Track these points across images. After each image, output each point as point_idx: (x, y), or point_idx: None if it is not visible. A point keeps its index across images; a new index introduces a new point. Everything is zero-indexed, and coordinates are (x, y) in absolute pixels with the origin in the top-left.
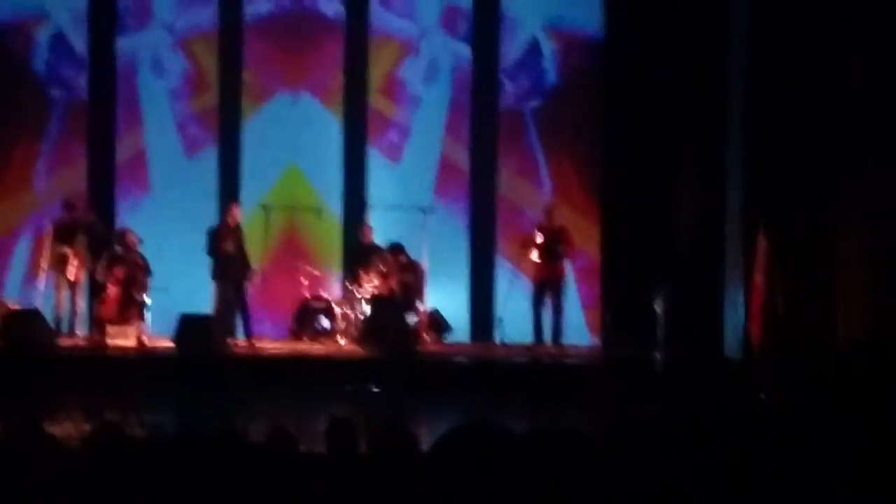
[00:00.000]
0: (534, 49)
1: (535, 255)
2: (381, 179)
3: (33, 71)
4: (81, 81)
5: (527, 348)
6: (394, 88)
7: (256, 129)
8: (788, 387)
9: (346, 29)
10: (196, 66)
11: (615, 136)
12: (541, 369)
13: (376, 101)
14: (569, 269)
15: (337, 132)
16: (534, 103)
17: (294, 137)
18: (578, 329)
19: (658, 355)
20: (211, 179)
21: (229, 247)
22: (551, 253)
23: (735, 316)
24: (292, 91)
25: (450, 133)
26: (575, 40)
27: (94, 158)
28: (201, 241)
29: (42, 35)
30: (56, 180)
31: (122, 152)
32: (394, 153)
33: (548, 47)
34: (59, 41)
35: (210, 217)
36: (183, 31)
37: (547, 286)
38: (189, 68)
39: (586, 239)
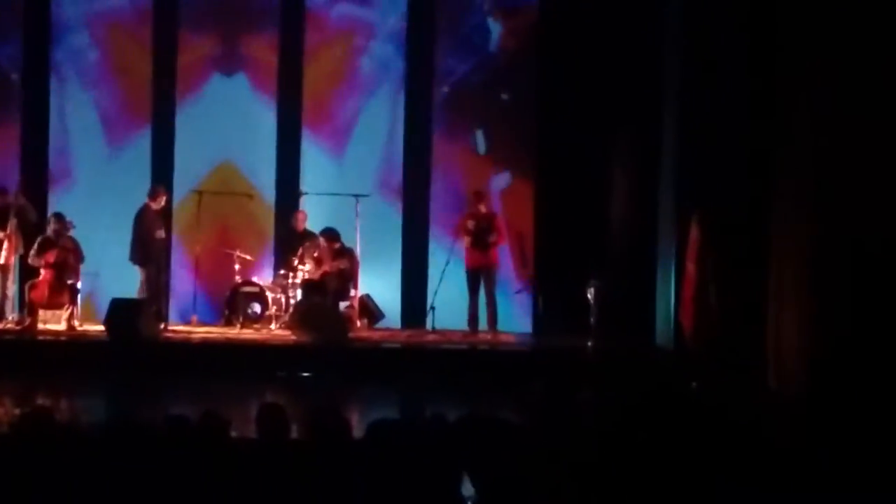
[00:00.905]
0: (474, 28)
1: (466, 242)
2: (317, 166)
3: None
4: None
5: (461, 335)
6: (333, 75)
7: (191, 113)
8: (718, 376)
9: (283, 12)
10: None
11: (548, 122)
12: (474, 356)
13: (314, 86)
14: (501, 256)
15: (272, 118)
16: (471, 83)
17: (229, 122)
18: (512, 316)
19: (590, 343)
20: (144, 166)
21: (158, 231)
22: (482, 240)
23: (666, 305)
24: (227, 74)
25: (387, 118)
26: (513, 20)
27: (25, 141)
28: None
29: None
30: None
31: (54, 136)
32: (332, 140)
33: (488, 26)
34: None
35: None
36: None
37: (480, 273)
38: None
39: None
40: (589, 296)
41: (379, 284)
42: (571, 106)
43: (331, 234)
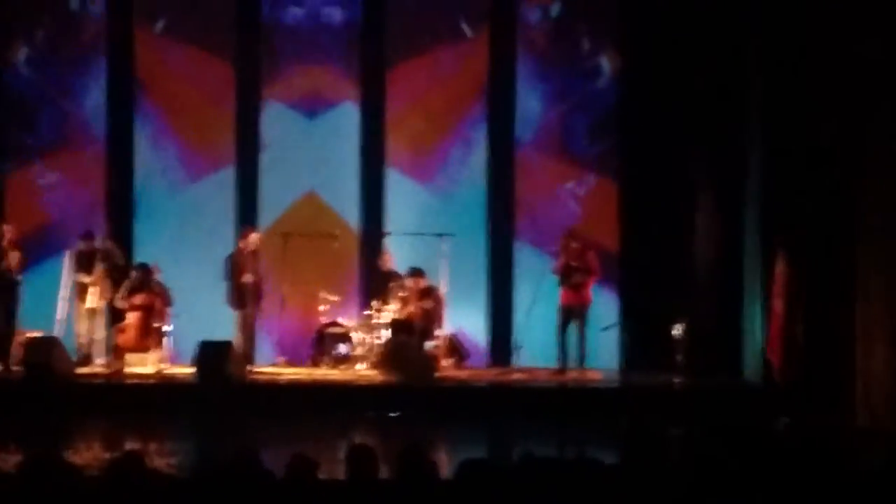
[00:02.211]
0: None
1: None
2: (403, 205)
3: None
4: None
5: (548, 373)
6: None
7: (274, 150)
8: (807, 413)
9: (361, 49)
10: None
11: (634, 158)
12: (561, 394)
13: (399, 125)
14: (592, 293)
15: (356, 157)
16: (552, 124)
17: (312, 160)
18: (599, 353)
19: (678, 380)
20: (228, 203)
21: (247, 275)
22: (574, 279)
23: (754, 341)
24: (310, 112)
25: (471, 156)
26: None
27: (111, 184)
28: (219, 268)
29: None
30: (74, 206)
31: (139, 177)
32: (418, 179)
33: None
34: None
35: (228, 242)
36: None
37: (573, 312)
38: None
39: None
40: (676, 332)
41: (465, 323)
42: (655, 143)
43: (417, 273)
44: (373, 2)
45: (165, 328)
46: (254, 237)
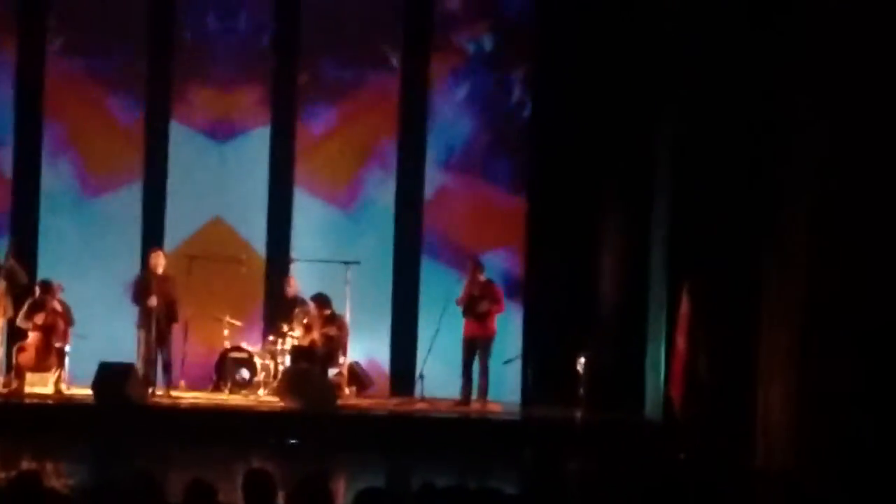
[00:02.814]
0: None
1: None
2: (309, 231)
3: None
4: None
5: (450, 404)
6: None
7: (181, 169)
8: (706, 450)
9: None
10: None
11: (540, 190)
12: (463, 425)
13: (308, 150)
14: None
15: (264, 181)
16: (462, 154)
17: (221, 182)
18: (502, 385)
19: (580, 414)
20: (133, 222)
21: (152, 297)
22: (479, 311)
23: (656, 377)
24: (221, 136)
25: (379, 185)
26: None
27: (16, 201)
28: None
29: None
30: None
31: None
32: (325, 206)
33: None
34: None
35: (133, 262)
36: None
37: (476, 343)
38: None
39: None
40: (579, 367)
41: (368, 352)
42: (562, 175)
43: (321, 300)
44: (287, 24)
45: (67, 348)
46: (159, 259)
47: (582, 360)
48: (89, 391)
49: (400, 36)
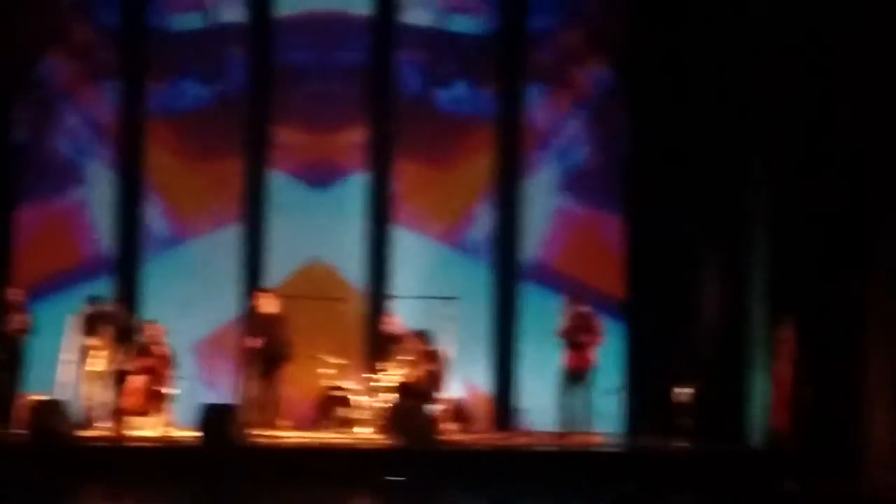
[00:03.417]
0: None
1: (563, 344)
2: (408, 269)
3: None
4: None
5: (553, 436)
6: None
7: (280, 212)
8: (812, 479)
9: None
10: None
11: (639, 219)
12: (566, 458)
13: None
14: (597, 356)
15: (361, 222)
16: (555, 193)
17: (320, 224)
18: (603, 417)
19: (683, 444)
20: (234, 264)
21: (256, 339)
22: (578, 342)
23: (760, 406)
24: (319, 182)
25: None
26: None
27: (119, 244)
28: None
29: None
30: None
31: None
32: (424, 243)
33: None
34: None
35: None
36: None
37: (576, 375)
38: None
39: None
40: (681, 396)
41: (469, 387)
42: (662, 207)
43: (423, 336)
44: (383, 62)
45: (169, 391)
46: (264, 299)
47: (684, 389)
48: (193, 433)
49: (500, 68)
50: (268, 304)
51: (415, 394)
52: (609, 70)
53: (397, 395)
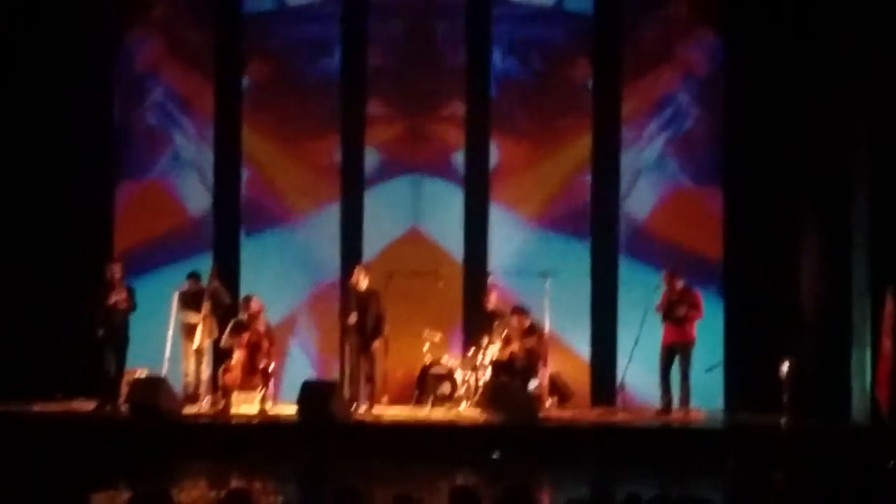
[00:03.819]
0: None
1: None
2: (506, 244)
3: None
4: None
5: (652, 413)
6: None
7: (379, 191)
8: None
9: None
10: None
11: (736, 197)
12: (665, 434)
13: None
14: (696, 331)
15: (460, 197)
16: (652, 167)
17: (417, 200)
18: (703, 392)
19: (784, 420)
20: (332, 240)
21: (352, 315)
22: (677, 316)
23: (862, 381)
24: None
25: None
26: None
27: (219, 221)
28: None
29: None
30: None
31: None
32: (522, 218)
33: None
34: None
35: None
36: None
37: (675, 350)
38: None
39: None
40: (782, 372)
41: (568, 363)
42: (759, 180)
43: (522, 311)
44: (479, 42)
45: (271, 367)
46: (360, 275)
47: (786, 364)
48: (294, 410)
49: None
50: (364, 280)
51: (514, 370)
52: (712, 40)
53: (496, 372)
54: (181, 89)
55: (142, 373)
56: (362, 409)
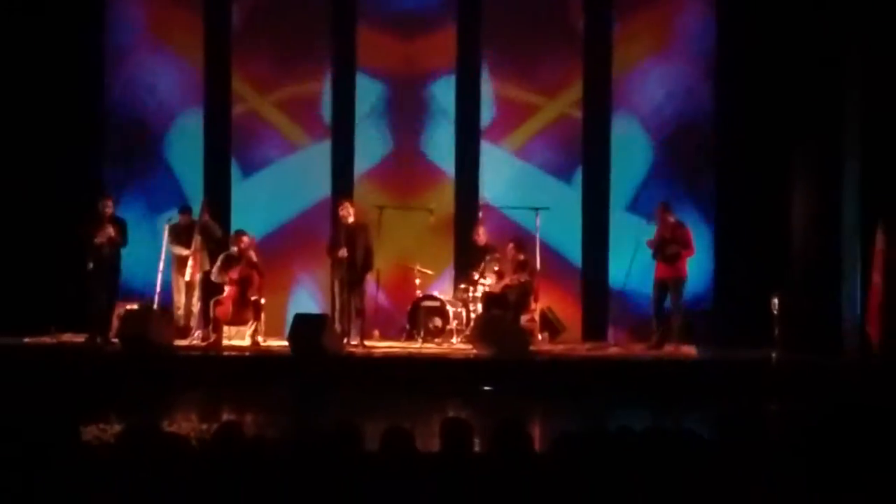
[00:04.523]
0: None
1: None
2: (497, 178)
3: None
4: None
5: (643, 347)
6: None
7: (366, 120)
8: None
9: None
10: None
11: (728, 133)
12: (657, 368)
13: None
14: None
15: (450, 130)
16: (643, 103)
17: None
18: (696, 327)
19: (775, 355)
20: (323, 174)
21: (342, 249)
22: (668, 254)
23: (853, 316)
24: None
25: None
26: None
27: (207, 158)
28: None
29: None
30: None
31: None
32: (512, 151)
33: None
34: None
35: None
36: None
37: (667, 285)
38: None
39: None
40: (773, 307)
41: (560, 298)
42: (751, 116)
43: (519, 244)
44: None
45: (261, 300)
46: (348, 210)
47: (776, 300)
48: (286, 343)
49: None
50: (351, 214)
51: (506, 304)
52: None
53: (488, 305)
54: (169, 30)
55: (132, 306)
56: (353, 342)
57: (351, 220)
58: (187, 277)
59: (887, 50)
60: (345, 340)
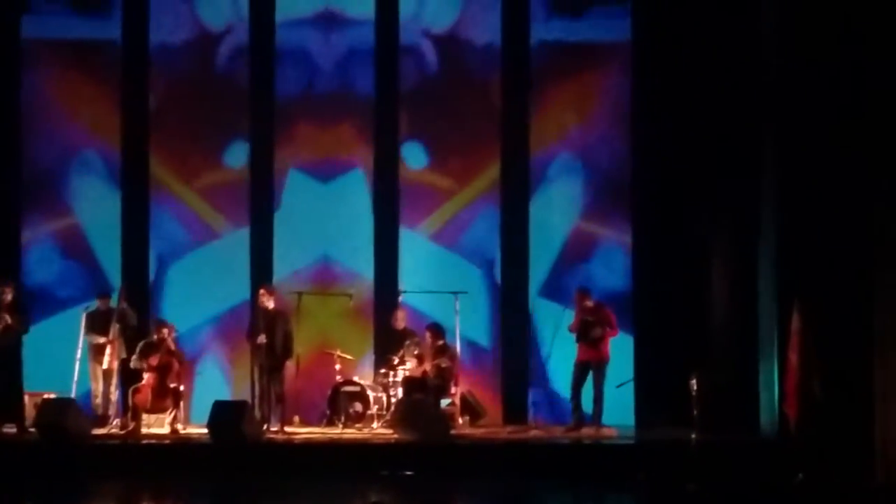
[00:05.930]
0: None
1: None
2: (416, 264)
3: None
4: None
5: (563, 430)
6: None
7: (287, 208)
8: (824, 468)
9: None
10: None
11: (645, 215)
12: (577, 451)
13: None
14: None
15: (369, 218)
16: (561, 173)
17: (327, 221)
18: (615, 408)
19: (694, 435)
20: (242, 261)
21: (261, 336)
22: (593, 338)
23: (770, 396)
24: (323, 177)
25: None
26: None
27: (125, 249)
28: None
29: None
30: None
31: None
32: (430, 238)
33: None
34: None
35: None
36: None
37: (589, 368)
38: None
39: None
40: (692, 387)
41: (479, 381)
42: (669, 195)
43: (436, 329)
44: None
45: (180, 388)
46: (267, 296)
47: (694, 380)
48: (205, 430)
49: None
50: (270, 300)
51: (424, 388)
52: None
53: (408, 390)
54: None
55: (50, 395)
56: (274, 428)
57: (271, 305)
58: (105, 365)
59: (803, 132)
60: (265, 427)
